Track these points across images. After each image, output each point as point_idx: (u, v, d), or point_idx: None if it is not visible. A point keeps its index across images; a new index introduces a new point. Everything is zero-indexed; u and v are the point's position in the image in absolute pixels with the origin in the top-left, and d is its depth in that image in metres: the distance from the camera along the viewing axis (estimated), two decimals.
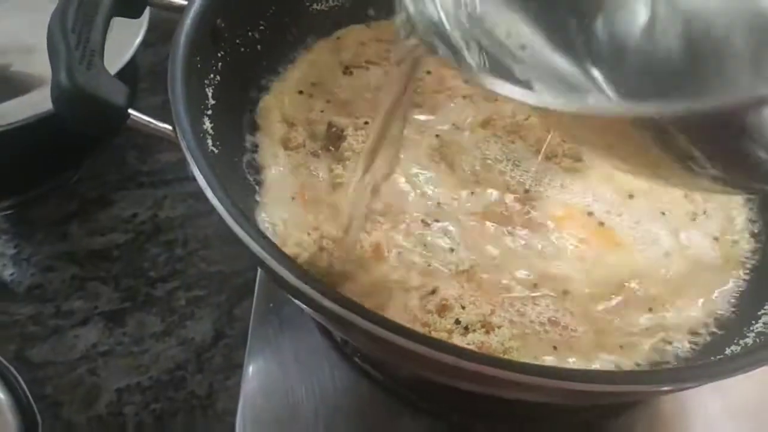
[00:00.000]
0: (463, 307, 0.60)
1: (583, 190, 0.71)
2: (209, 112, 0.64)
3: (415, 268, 0.63)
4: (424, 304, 0.60)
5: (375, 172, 0.54)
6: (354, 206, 0.58)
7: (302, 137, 0.72)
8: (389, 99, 0.53)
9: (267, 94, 0.74)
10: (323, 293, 0.45)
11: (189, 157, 0.51)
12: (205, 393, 0.76)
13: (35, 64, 0.85)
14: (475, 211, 0.68)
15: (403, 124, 0.55)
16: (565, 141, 0.74)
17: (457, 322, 0.59)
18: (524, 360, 0.57)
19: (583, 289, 0.64)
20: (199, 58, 0.63)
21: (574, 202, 0.70)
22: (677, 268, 0.66)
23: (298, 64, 0.79)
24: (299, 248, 0.62)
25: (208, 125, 0.63)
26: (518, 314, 0.61)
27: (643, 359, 0.60)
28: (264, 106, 0.73)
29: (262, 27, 0.74)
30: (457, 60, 0.43)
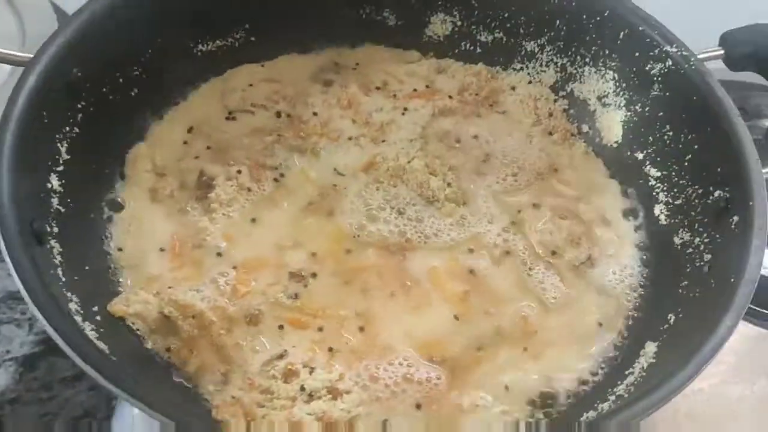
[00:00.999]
0: (311, 372, 0.57)
1: (462, 236, 0.69)
2: (60, 168, 0.62)
3: (268, 326, 0.61)
4: (267, 370, 0.57)
5: None
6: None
7: (171, 187, 0.69)
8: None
9: (140, 142, 0.72)
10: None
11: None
12: None
13: None
14: (346, 268, 0.66)
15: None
16: (449, 184, 0.72)
17: (302, 388, 0.56)
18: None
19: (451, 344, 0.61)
20: (46, 113, 0.61)
21: (452, 253, 0.68)
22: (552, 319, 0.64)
23: (180, 108, 0.76)
24: (145, 310, 0.60)
25: (55, 183, 0.61)
26: (371, 378, 0.58)
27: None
28: (133, 154, 0.71)
29: (136, 72, 0.72)
30: None
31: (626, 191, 0.75)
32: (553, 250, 0.68)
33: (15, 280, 0.48)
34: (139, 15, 0.70)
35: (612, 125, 0.78)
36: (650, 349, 0.60)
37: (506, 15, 0.83)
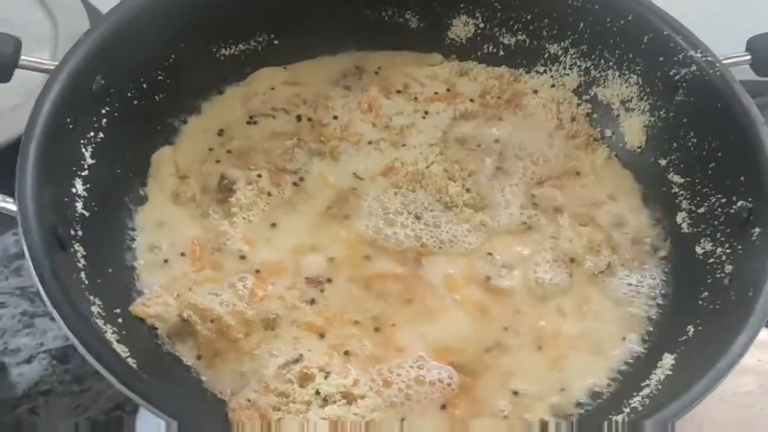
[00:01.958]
0: (326, 376, 0.58)
1: (480, 242, 0.69)
2: (85, 173, 0.64)
3: (285, 331, 0.62)
4: (283, 374, 0.58)
5: None
6: None
7: (193, 190, 0.71)
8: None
9: (164, 146, 0.73)
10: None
11: (22, 238, 0.50)
12: None
13: None
14: (362, 274, 0.66)
15: None
16: (467, 190, 0.72)
17: (317, 393, 0.57)
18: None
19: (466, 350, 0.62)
20: (71, 120, 0.62)
21: (468, 259, 0.68)
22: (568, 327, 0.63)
23: (203, 112, 0.77)
24: (165, 313, 0.61)
25: (80, 188, 0.63)
26: (384, 383, 0.59)
27: None
28: (157, 158, 0.72)
29: (160, 77, 0.73)
30: None
31: (648, 198, 0.74)
32: (572, 258, 0.68)
33: (37, 285, 0.50)
34: (161, 21, 0.72)
35: (635, 130, 0.77)
36: (667, 361, 0.60)
37: (529, 17, 0.82)
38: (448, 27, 0.85)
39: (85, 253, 0.59)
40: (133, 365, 0.51)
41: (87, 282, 0.57)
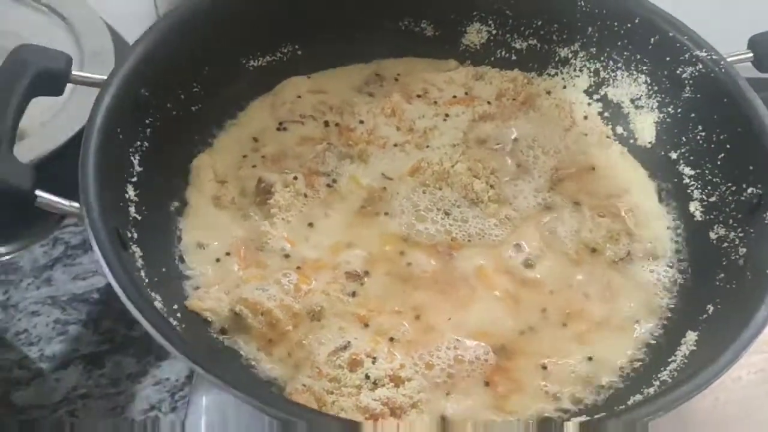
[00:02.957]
0: (374, 361, 0.62)
1: (507, 234, 0.73)
2: (134, 179, 0.67)
3: (330, 321, 0.65)
4: (333, 360, 0.62)
5: None
6: None
7: (232, 194, 0.74)
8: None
9: (201, 153, 0.77)
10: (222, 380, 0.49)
11: (92, 239, 0.54)
12: None
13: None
14: (398, 267, 0.70)
15: None
16: (491, 186, 0.76)
17: (366, 377, 0.61)
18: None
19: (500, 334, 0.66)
20: (120, 130, 0.66)
21: (497, 251, 0.72)
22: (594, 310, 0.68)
23: (236, 120, 0.81)
24: (218, 307, 0.65)
25: (131, 193, 0.66)
26: (427, 366, 0.63)
27: None
28: (196, 165, 0.76)
29: (196, 89, 0.77)
30: None
31: (662, 189, 0.79)
32: (594, 247, 0.72)
33: (110, 280, 0.53)
34: (197, 36, 0.76)
35: (645, 127, 0.82)
36: (691, 337, 0.64)
37: (539, 23, 0.87)
38: (462, 34, 0.90)
39: (141, 253, 0.63)
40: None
41: (147, 280, 0.61)
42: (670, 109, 0.80)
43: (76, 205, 0.57)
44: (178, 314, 0.62)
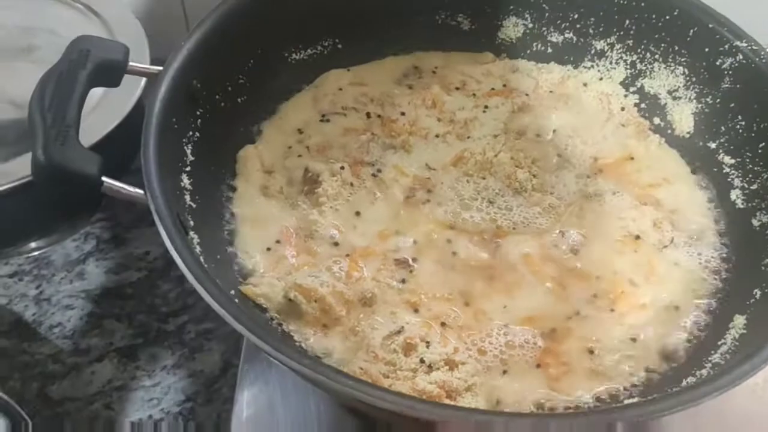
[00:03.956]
0: (428, 345, 0.63)
1: (551, 223, 0.74)
2: (188, 168, 0.69)
3: (382, 307, 0.66)
4: (388, 344, 0.63)
5: None
6: None
7: (280, 183, 0.76)
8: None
9: (247, 143, 0.78)
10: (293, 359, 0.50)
11: (158, 221, 0.55)
12: (213, 423, 0.79)
13: None
14: (445, 254, 0.71)
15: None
16: (534, 176, 0.77)
17: (421, 361, 0.62)
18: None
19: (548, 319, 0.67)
20: (175, 120, 0.67)
21: (542, 239, 0.73)
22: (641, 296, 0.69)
23: (279, 112, 0.83)
24: (272, 293, 0.66)
25: (186, 182, 0.68)
26: (479, 352, 0.64)
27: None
28: (243, 155, 0.77)
29: (241, 81, 0.79)
30: None
31: (702, 178, 0.79)
32: (637, 235, 0.73)
33: (178, 262, 0.55)
34: (243, 29, 0.77)
35: (683, 117, 0.83)
36: (739, 321, 0.65)
37: (576, 16, 0.88)
38: (498, 28, 0.91)
39: (199, 240, 0.64)
40: None
41: (205, 265, 0.62)
42: (708, 99, 0.81)
43: (140, 191, 0.59)
44: (236, 299, 0.63)
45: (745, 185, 0.76)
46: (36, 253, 0.94)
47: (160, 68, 0.68)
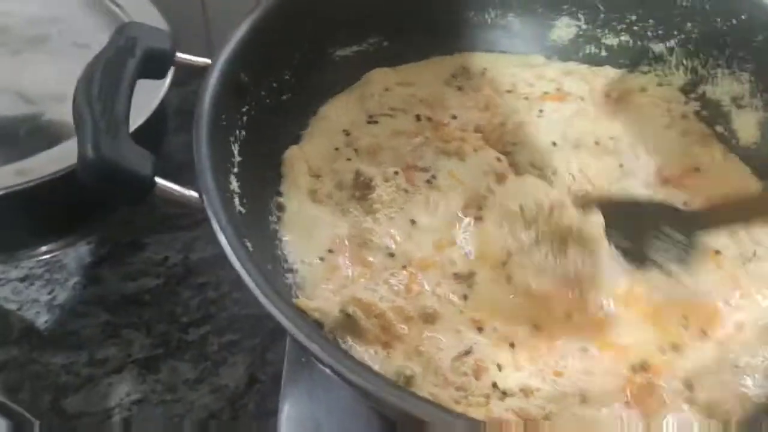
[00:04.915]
0: (500, 369, 0.58)
1: None
2: (236, 170, 0.64)
3: (445, 325, 0.61)
4: (457, 366, 0.58)
5: None
6: None
7: (328, 188, 0.71)
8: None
9: (292, 145, 0.74)
10: (351, 369, 0.44)
11: (216, 227, 0.50)
12: None
13: (67, 113, 0.86)
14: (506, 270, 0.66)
15: None
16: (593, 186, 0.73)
17: (494, 385, 0.57)
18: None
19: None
20: (224, 116, 0.62)
21: None
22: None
23: (324, 112, 0.78)
24: (327, 307, 0.61)
25: (234, 184, 0.63)
26: (555, 374, 0.59)
27: None
28: (288, 157, 0.72)
29: (287, 77, 0.74)
30: None
31: None
32: (717, 250, 0.69)
33: (237, 268, 0.50)
34: (290, 22, 0.73)
35: (749, 126, 0.79)
36: None
37: (633, 18, 0.84)
38: (549, 29, 0.87)
39: (251, 249, 0.59)
40: None
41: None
42: None
43: (195, 194, 0.53)
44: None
45: None
46: (47, 256, 0.89)
47: (207, 60, 0.63)
